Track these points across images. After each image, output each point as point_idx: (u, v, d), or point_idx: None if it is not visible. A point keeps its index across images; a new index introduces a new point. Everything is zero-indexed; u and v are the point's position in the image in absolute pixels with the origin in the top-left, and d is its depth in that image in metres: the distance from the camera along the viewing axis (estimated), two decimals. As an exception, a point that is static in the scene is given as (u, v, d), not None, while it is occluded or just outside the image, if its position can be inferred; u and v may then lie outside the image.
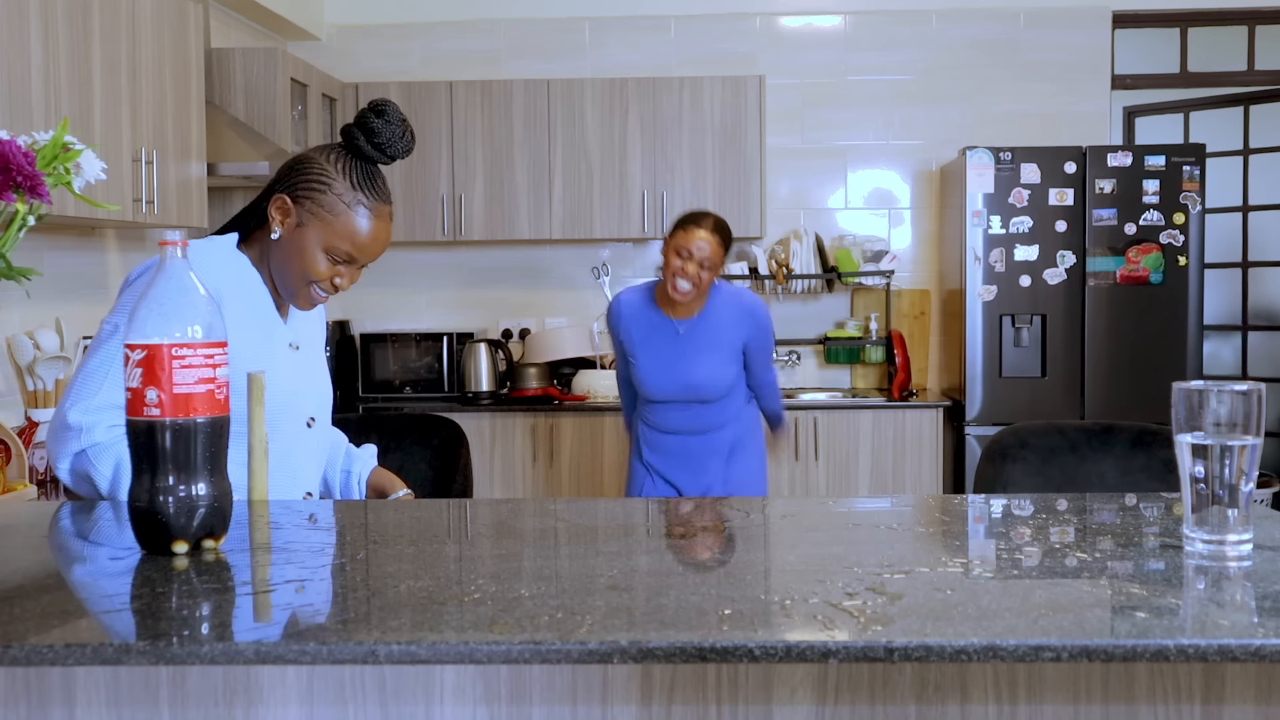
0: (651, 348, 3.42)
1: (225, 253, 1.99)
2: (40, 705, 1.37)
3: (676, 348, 3.40)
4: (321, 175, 1.95)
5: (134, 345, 1.45)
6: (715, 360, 3.39)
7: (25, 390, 3.41)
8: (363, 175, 1.97)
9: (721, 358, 3.40)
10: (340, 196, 1.95)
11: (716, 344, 3.39)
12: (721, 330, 3.40)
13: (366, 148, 1.95)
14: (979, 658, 1.14)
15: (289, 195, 1.95)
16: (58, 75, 2.92)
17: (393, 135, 1.95)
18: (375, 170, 2.00)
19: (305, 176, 1.95)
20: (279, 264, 1.98)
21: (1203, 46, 5.65)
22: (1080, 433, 2.67)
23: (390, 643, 1.15)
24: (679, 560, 1.52)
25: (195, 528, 1.48)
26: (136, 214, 3.28)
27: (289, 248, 1.96)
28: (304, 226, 1.95)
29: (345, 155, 1.97)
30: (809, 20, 5.55)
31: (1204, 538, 1.47)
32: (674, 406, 3.46)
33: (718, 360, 3.40)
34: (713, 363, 3.39)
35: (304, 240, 1.95)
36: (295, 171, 1.97)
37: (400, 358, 5.35)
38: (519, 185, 5.22)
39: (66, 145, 1.46)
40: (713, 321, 3.41)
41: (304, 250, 1.95)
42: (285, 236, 1.96)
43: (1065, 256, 4.88)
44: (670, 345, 3.40)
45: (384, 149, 1.95)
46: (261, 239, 2.01)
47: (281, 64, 4.45)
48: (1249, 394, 1.44)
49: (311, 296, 2.01)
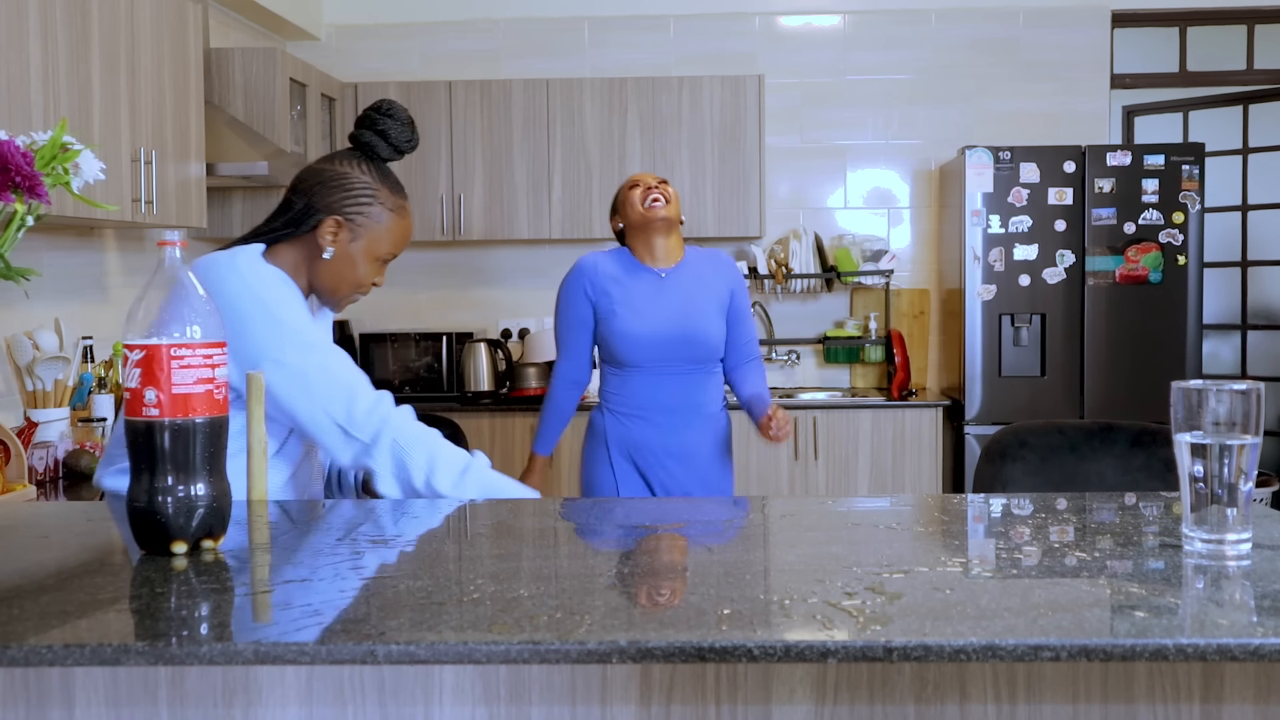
0: (635, 297, 3.14)
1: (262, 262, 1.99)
2: (39, 705, 1.37)
3: (663, 293, 3.16)
4: (365, 188, 2.00)
5: (132, 345, 1.45)
6: (704, 307, 3.16)
7: (24, 390, 3.41)
8: (392, 178, 2.04)
9: (710, 306, 3.17)
10: (384, 204, 2.02)
11: (703, 289, 3.18)
12: (704, 278, 3.20)
13: (384, 149, 2.00)
14: (978, 657, 1.14)
15: (340, 216, 2.00)
16: (57, 75, 2.92)
17: (404, 133, 2.01)
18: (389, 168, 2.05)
19: (350, 193, 2.00)
20: (330, 279, 2.03)
21: (1202, 46, 5.65)
22: (1080, 432, 2.67)
23: (389, 643, 1.15)
24: (678, 560, 1.52)
25: (194, 528, 1.48)
26: (135, 214, 3.28)
27: (342, 263, 2.02)
28: (356, 241, 2.01)
29: (367, 160, 2.02)
30: (808, 20, 5.55)
31: (1203, 537, 1.47)
32: (659, 370, 3.14)
33: (707, 307, 3.17)
34: (702, 309, 3.16)
35: (356, 253, 2.02)
36: (336, 188, 2.00)
37: (400, 357, 5.35)
38: (518, 185, 5.23)
39: (65, 145, 1.46)
40: (694, 270, 3.21)
41: (357, 262, 2.02)
42: (338, 253, 2.01)
43: (1064, 256, 4.89)
44: (655, 291, 3.16)
45: (399, 148, 2.01)
46: (292, 251, 2.03)
47: (281, 64, 4.45)
48: (1248, 393, 1.44)
49: (353, 300, 2.10)
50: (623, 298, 3.14)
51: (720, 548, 1.59)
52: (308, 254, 2.02)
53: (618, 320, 3.13)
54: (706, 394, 3.20)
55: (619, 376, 3.20)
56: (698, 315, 3.14)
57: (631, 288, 3.15)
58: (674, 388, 3.16)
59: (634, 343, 3.12)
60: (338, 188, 2.00)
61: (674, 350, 3.13)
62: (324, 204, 1.99)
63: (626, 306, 3.13)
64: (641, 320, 3.12)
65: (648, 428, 3.17)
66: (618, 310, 3.14)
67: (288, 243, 2.03)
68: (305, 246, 2.02)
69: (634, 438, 3.19)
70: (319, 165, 2.05)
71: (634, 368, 3.16)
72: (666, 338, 3.12)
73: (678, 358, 3.14)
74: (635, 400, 3.18)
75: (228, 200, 4.53)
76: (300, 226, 2.01)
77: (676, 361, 3.14)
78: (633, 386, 3.17)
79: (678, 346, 3.13)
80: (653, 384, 3.15)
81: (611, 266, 3.19)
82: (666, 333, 3.12)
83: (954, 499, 1.92)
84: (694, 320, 3.13)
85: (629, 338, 3.12)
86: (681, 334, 3.12)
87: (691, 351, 3.14)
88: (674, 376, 3.15)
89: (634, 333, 3.12)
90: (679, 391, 3.16)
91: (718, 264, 3.25)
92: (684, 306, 3.14)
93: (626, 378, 3.18)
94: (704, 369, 3.19)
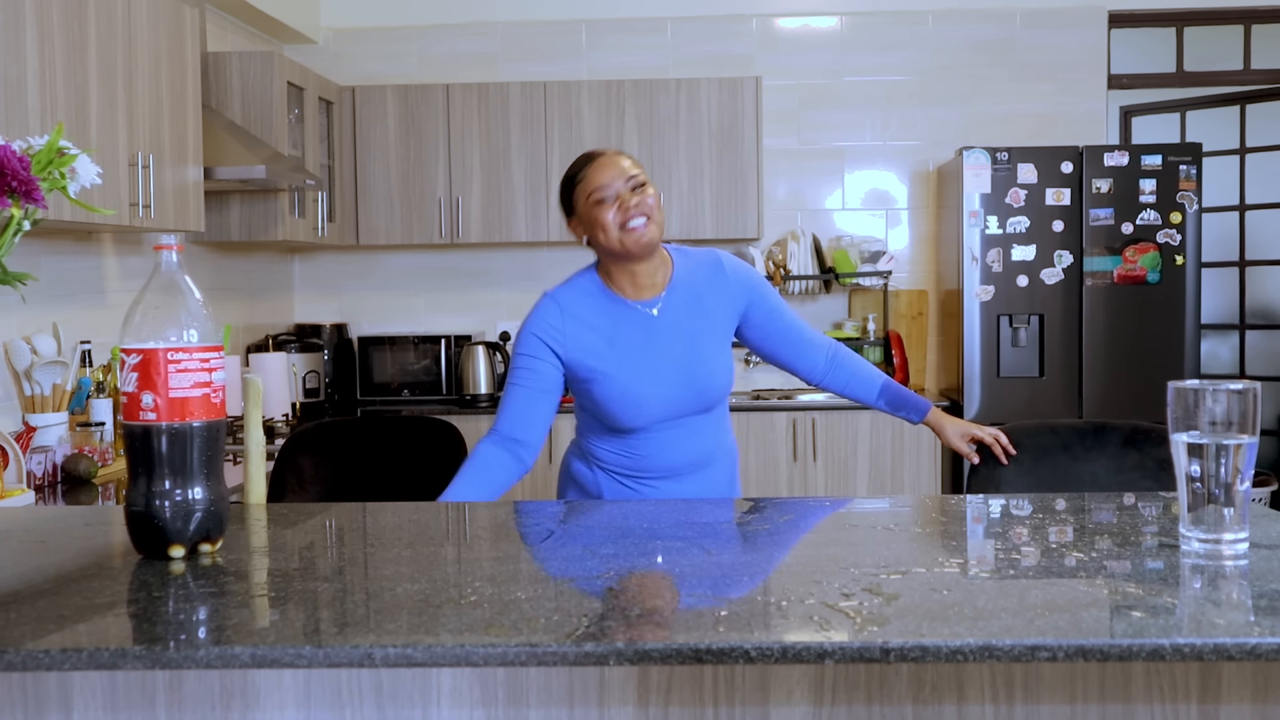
0: (622, 348, 2.40)
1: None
2: (37, 710, 1.37)
3: (656, 337, 2.42)
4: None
5: (130, 350, 1.45)
6: (707, 344, 2.45)
7: (22, 395, 3.41)
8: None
9: (714, 340, 2.46)
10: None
11: (702, 318, 2.46)
12: (702, 302, 2.46)
13: None
14: (975, 658, 1.14)
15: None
16: (53, 79, 2.92)
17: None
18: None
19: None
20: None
21: (1199, 46, 5.65)
22: (1073, 432, 2.67)
23: (387, 646, 1.15)
24: (675, 562, 1.52)
25: (192, 532, 1.48)
26: (133, 218, 3.28)
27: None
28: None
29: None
30: (805, 21, 5.55)
31: (1200, 537, 1.47)
32: (660, 431, 2.44)
33: (710, 342, 2.46)
34: (705, 347, 2.45)
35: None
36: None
37: (398, 361, 5.35)
38: (516, 187, 5.23)
39: (62, 150, 1.46)
40: (687, 293, 2.47)
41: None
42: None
43: (1062, 256, 4.89)
44: (647, 336, 2.41)
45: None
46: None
47: (278, 67, 4.46)
48: (1244, 393, 1.45)
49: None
50: (609, 353, 2.40)
51: (717, 549, 1.59)
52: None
53: (611, 384, 2.39)
54: (719, 436, 2.54)
55: (616, 440, 2.48)
56: (703, 359, 2.44)
57: (617, 338, 2.41)
58: (687, 444, 2.47)
59: (633, 408, 2.40)
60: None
61: (681, 406, 2.43)
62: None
63: (617, 365, 2.40)
64: (639, 379, 2.39)
65: (660, 489, 2.48)
66: (608, 371, 2.39)
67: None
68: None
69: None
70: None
71: (632, 432, 2.45)
72: (671, 395, 2.41)
73: (685, 412, 2.45)
74: (640, 465, 2.48)
75: (225, 204, 4.53)
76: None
77: (683, 416, 2.45)
78: (636, 449, 2.46)
79: (685, 401, 2.43)
80: (661, 444, 2.45)
81: (585, 309, 2.44)
82: (669, 390, 2.41)
83: (952, 500, 1.92)
84: (698, 367, 2.43)
85: (626, 403, 2.40)
86: (687, 385, 2.42)
87: (700, 402, 2.45)
88: (686, 430, 2.46)
89: (632, 396, 2.39)
90: (694, 446, 2.48)
91: (714, 276, 2.50)
92: (686, 350, 2.43)
93: (626, 442, 2.47)
94: (714, 411, 2.52)
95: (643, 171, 2.42)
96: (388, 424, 3.30)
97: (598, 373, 2.39)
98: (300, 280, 5.68)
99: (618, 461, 2.49)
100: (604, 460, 2.50)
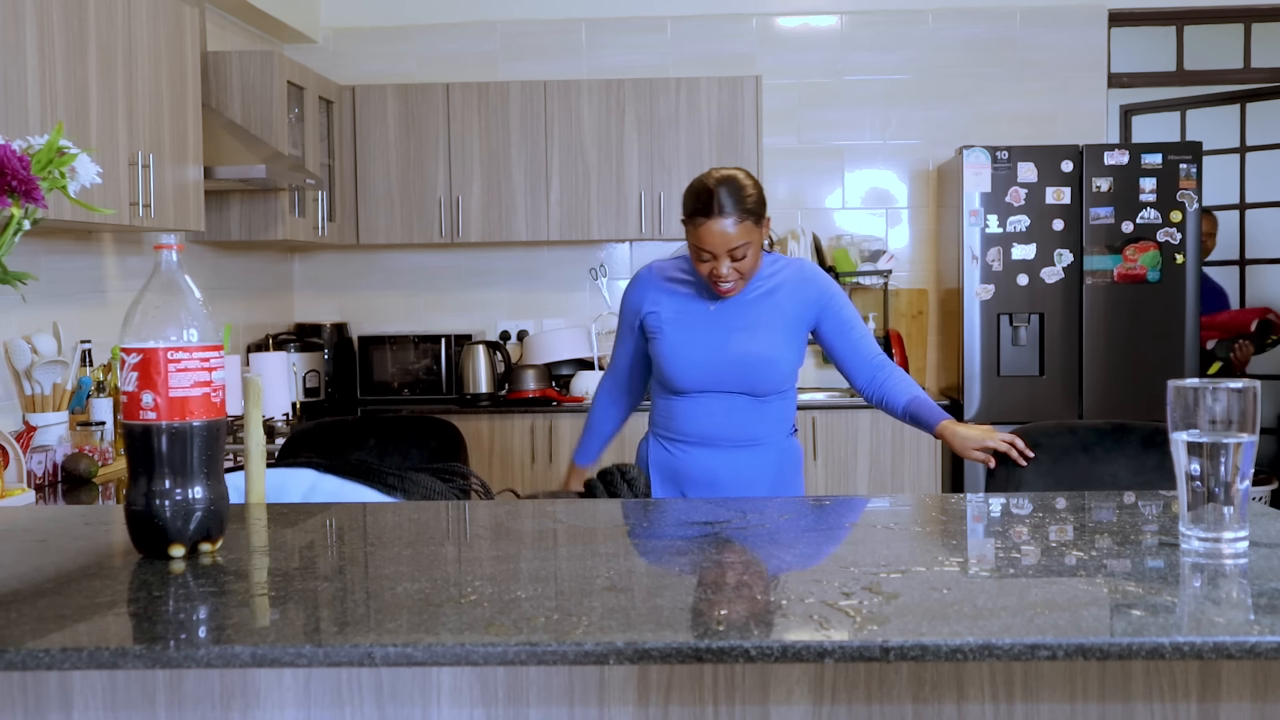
0: (687, 316, 2.76)
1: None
2: (37, 709, 1.37)
3: (718, 317, 2.74)
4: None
5: (129, 349, 1.45)
6: (768, 333, 2.73)
7: (23, 394, 3.41)
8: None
9: (777, 331, 2.74)
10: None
11: (771, 313, 2.74)
12: (776, 298, 2.76)
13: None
14: (975, 656, 1.14)
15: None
16: (53, 79, 2.92)
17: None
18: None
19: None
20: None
21: (1199, 44, 5.65)
22: (1092, 432, 2.66)
23: (387, 645, 1.15)
24: (675, 561, 1.52)
25: (192, 531, 1.48)
26: (133, 218, 3.28)
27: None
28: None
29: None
30: (805, 20, 5.55)
31: (1200, 535, 1.47)
32: (709, 398, 2.75)
33: (772, 332, 2.73)
34: (765, 336, 2.72)
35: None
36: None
37: (398, 360, 5.35)
38: (516, 187, 5.23)
39: (61, 149, 1.46)
40: (764, 289, 2.77)
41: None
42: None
43: (1062, 255, 4.89)
44: (709, 314, 2.75)
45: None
46: None
47: (278, 67, 4.46)
48: (1244, 391, 1.45)
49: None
50: (673, 316, 2.77)
51: (717, 548, 1.59)
52: None
53: (663, 340, 2.76)
54: (765, 425, 2.79)
55: (666, 400, 2.83)
56: (757, 343, 2.72)
57: (685, 306, 2.77)
58: (725, 418, 2.76)
59: (678, 367, 2.74)
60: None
61: (725, 379, 2.73)
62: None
63: (675, 326, 2.76)
64: (690, 343, 2.74)
65: (694, 459, 2.79)
66: (665, 329, 2.77)
67: None
68: None
69: (678, 466, 2.82)
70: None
71: (681, 394, 2.78)
72: (715, 363, 2.72)
73: (730, 388, 2.74)
74: (680, 427, 2.80)
75: (225, 203, 4.53)
76: None
77: (729, 392, 2.75)
78: (678, 412, 2.79)
79: (730, 375, 2.73)
80: (701, 411, 2.77)
81: (672, 278, 2.81)
82: (715, 358, 2.72)
83: (952, 499, 1.92)
84: (750, 348, 2.71)
85: (673, 361, 2.74)
86: (734, 361, 2.72)
87: (747, 381, 2.73)
88: (726, 405, 2.76)
89: (679, 356, 2.74)
90: (730, 422, 2.76)
91: (797, 282, 2.78)
92: (746, 331, 2.72)
93: (673, 403, 2.81)
94: (766, 399, 2.78)
95: (753, 229, 2.66)
96: (388, 423, 3.31)
97: (658, 329, 2.78)
98: (300, 280, 5.68)
99: (664, 422, 2.84)
100: (656, 421, 2.87)
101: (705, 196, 2.63)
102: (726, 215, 2.60)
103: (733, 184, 2.64)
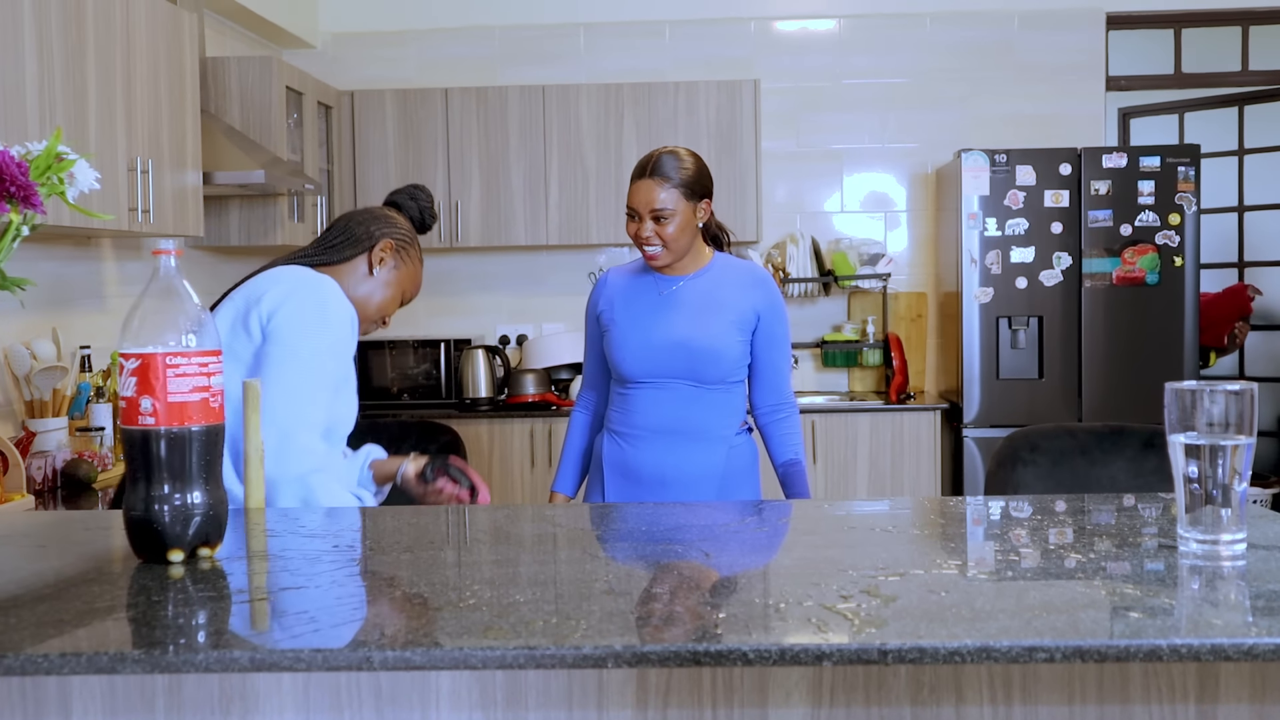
0: (636, 306, 2.82)
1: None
2: (36, 715, 1.37)
3: (665, 304, 2.80)
4: (409, 232, 2.40)
5: (128, 354, 1.46)
6: (715, 321, 2.76)
7: (22, 400, 3.42)
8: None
9: (723, 322, 2.77)
10: (417, 250, 2.41)
11: (718, 305, 2.78)
12: (724, 292, 2.79)
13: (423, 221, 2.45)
14: (973, 659, 1.14)
15: (394, 241, 2.35)
16: (52, 85, 2.92)
17: (430, 208, 2.47)
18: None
19: (399, 229, 2.37)
20: (361, 302, 2.31)
21: (1197, 47, 5.66)
22: (1091, 435, 2.66)
23: (385, 649, 1.15)
24: (674, 564, 1.52)
25: (191, 536, 1.48)
26: (132, 223, 3.28)
27: (378, 286, 2.34)
28: (397, 269, 2.35)
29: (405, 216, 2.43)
30: (803, 24, 5.55)
31: (1198, 538, 1.47)
32: (658, 387, 2.77)
33: (718, 322, 2.77)
34: (710, 323, 2.76)
35: (392, 282, 2.35)
36: (390, 223, 2.37)
37: (398, 365, 5.35)
38: (515, 191, 5.23)
39: (60, 155, 1.46)
40: (714, 281, 2.81)
41: (389, 289, 2.35)
42: (379, 277, 2.34)
43: (1061, 258, 4.89)
44: (658, 301, 2.81)
45: (429, 226, 2.47)
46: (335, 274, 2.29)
47: (277, 72, 4.46)
48: (1241, 393, 1.45)
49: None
50: (624, 307, 2.83)
51: (716, 552, 1.59)
52: (348, 278, 2.30)
53: (615, 329, 2.81)
54: (711, 416, 2.81)
55: (620, 394, 2.85)
56: (701, 328, 2.75)
57: (636, 298, 2.83)
58: (671, 408, 2.78)
59: (627, 352, 2.78)
60: (391, 224, 2.36)
61: (669, 364, 2.76)
62: (382, 231, 2.34)
63: (625, 314, 2.82)
64: (638, 328, 2.79)
65: (643, 451, 2.80)
66: (617, 319, 2.82)
67: (330, 267, 2.30)
68: (348, 272, 2.31)
69: (629, 461, 2.82)
70: (371, 208, 2.41)
71: (633, 384, 2.81)
72: (659, 346, 2.76)
73: (678, 373, 2.77)
74: (629, 419, 2.82)
75: (224, 209, 4.54)
76: (359, 246, 2.31)
77: (677, 378, 2.77)
78: (627, 404, 2.82)
79: (674, 361, 2.76)
80: (649, 401, 2.79)
81: (623, 278, 2.89)
82: (659, 341, 2.76)
83: (950, 502, 1.92)
84: (693, 333, 2.75)
85: (620, 346, 2.79)
86: (676, 345, 2.75)
87: (694, 367, 2.76)
88: (675, 395, 2.78)
89: (626, 340, 2.79)
90: (679, 413, 2.78)
91: (745, 280, 2.82)
92: (690, 317, 2.77)
93: (625, 395, 2.83)
94: (712, 389, 2.80)
95: (683, 202, 2.74)
96: (387, 428, 3.31)
97: (611, 321, 2.85)
98: (300, 284, 5.67)
99: (617, 416, 2.86)
100: (610, 417, 2.89)
101: (644, 160, 2.78)
102: (655, 177, 2.72)
103: (673, 155, 2.78)
